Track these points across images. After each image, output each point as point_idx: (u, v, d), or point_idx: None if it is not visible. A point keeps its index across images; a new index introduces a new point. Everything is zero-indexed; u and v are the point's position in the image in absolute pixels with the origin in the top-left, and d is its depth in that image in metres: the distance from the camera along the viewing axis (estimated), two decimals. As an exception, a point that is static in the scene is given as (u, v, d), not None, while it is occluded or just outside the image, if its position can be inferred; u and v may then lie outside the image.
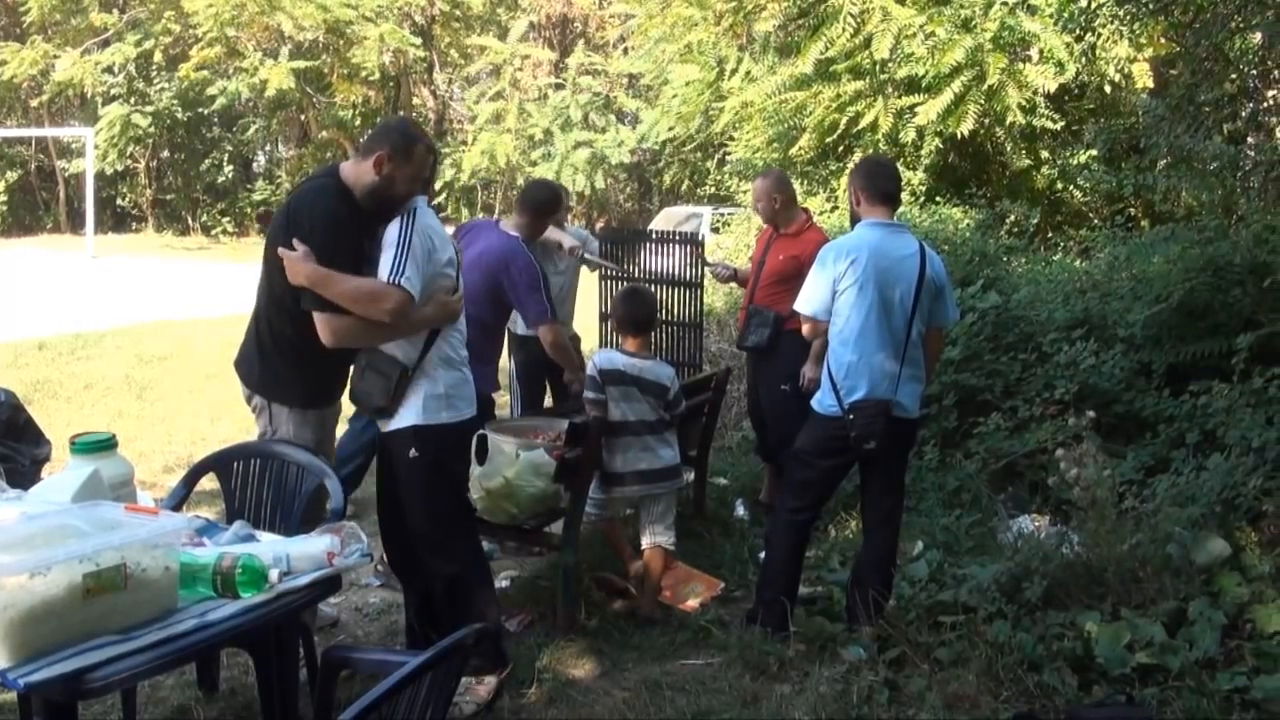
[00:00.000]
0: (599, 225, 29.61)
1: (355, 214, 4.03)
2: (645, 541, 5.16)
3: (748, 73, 15.18)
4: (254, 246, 27.32)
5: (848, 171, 13.40)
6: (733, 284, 7.26)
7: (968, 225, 10.94)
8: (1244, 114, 7.33)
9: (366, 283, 3.89)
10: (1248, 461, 5.50)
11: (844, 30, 12.41)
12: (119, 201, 33.48)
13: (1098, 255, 9.77)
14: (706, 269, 7.41)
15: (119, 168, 30.57)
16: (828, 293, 4.69)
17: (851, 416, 4.60)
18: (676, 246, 7.81)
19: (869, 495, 4.91)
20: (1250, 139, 8.13)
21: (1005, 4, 11.69)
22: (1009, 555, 5.23)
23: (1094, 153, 12.40)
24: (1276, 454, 5.51)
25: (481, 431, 4.62)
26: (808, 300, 4.78)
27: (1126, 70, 12.04)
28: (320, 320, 3.98)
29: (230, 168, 32.84)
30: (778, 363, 6.18)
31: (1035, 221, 12.81)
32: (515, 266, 5.34)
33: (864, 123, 12.55)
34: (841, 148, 13.56)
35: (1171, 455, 6.18)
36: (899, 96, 12.52)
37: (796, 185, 14.35)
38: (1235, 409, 5.93)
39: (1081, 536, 5.20)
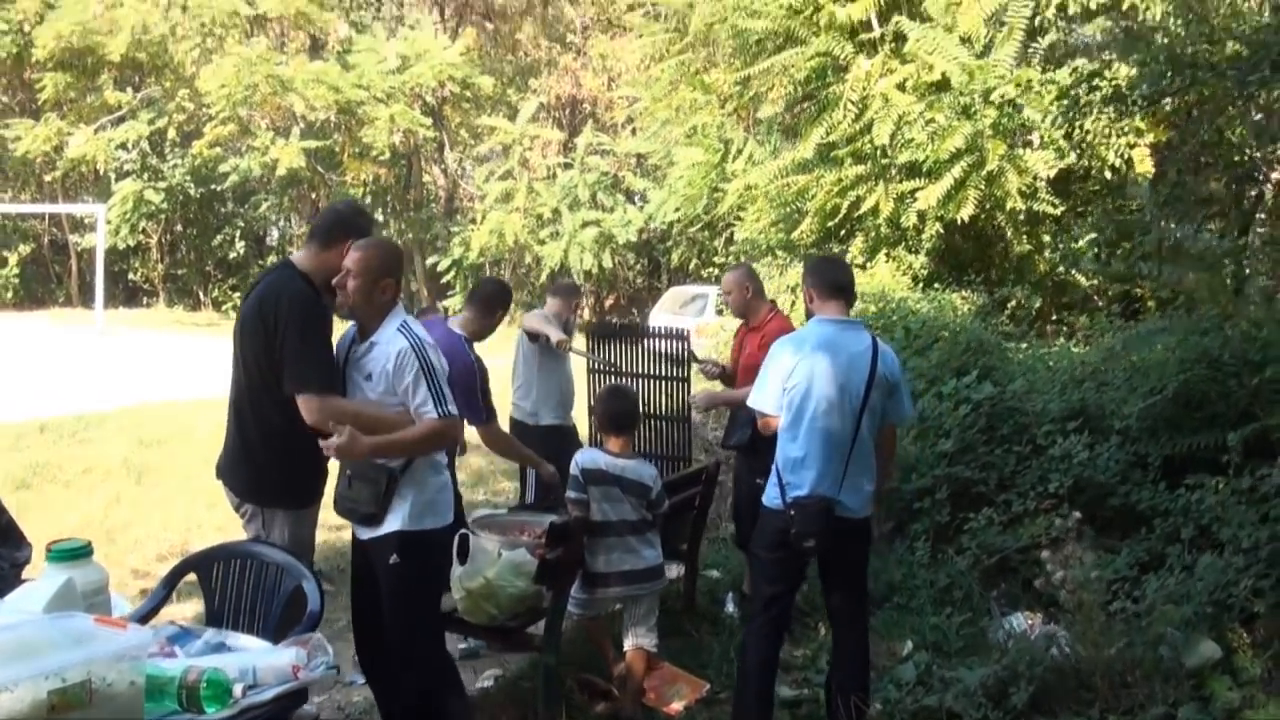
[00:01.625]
0: (607, 304, 29.76)
1: (317, 296, 4.21)
2: (628, 643, 5.12)
3: (751, 155, 15.34)
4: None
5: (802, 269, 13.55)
6: (719, 382, 7.27)
7: (967, 311, 10.94)
8: (1231, 211, 7.37)
9: (424, 428, 4.01)
10: (1239, 560, 5.45)
11: (845, 116, 12.53)
12: (130, 276, 33.61)
13: (1098, 342, 9.76)
14: (695, 365, 7.42)
15: (131, 243, 30.72)
16: (778, 388, 4.69)
17: (793, 513, 4.58)
18: (664, 341, 7.84)
19: (829, 596, 4.89)
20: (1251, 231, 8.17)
21: (1004, 95, 11.77)
22: (998, 657, 5.17)
23: (1094, 237, 12.45)
24: (1269, 552, 5.46)
25: (463, 530, 4.61)
26: (759, 396, 4.79)
27: (1127, 156, 12.11)
28: (304, 401, 4.05)
29: (242, 243, 33.02)
30: (755, 459, 6.17)
31: (1038, 306, 12.85)
32: (454, 369, 5.35)
33: (865, 207, 12.65)
34: (844, 231, 13.64)
35: (1166, 551, 6.12)
36: (900, 181, 12.62)
37: (798, 269, 14.53)
38: (1227, 505, 5.88)
39: (1070, 637, 5.15)
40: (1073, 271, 12.74)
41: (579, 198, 25.52)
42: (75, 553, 3.64)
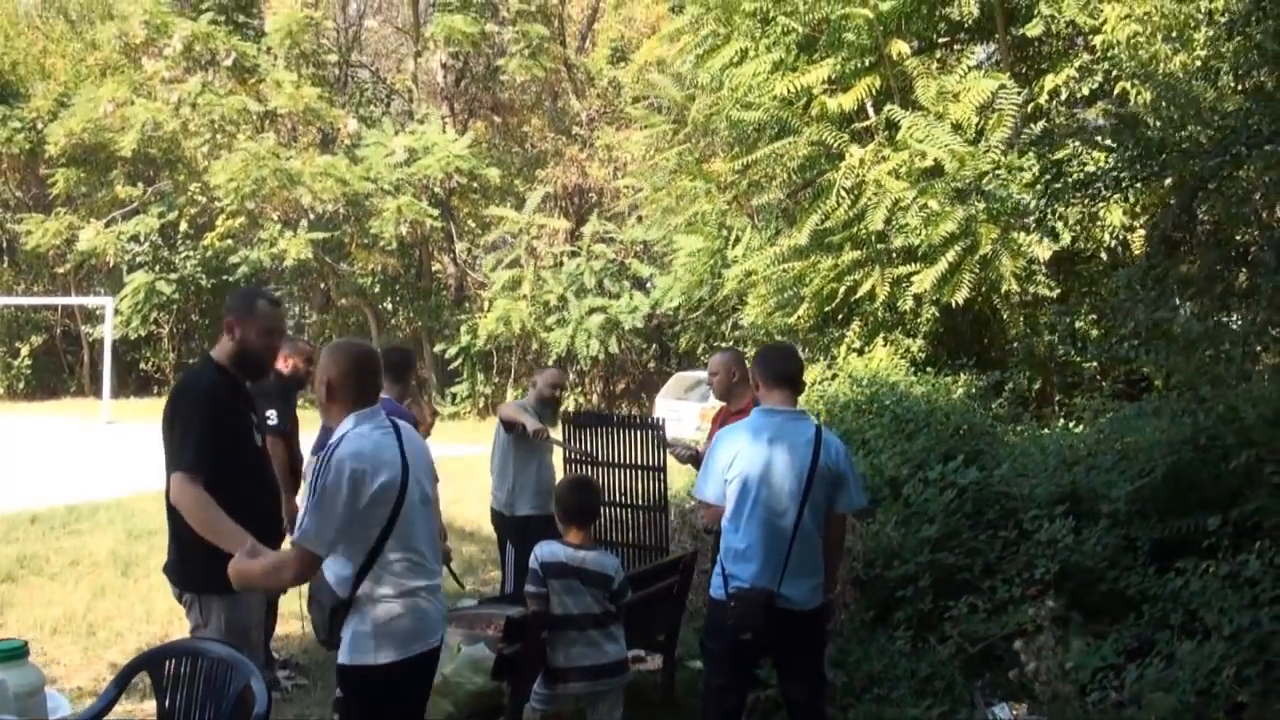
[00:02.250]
0: (617, 388, 29.73)
1: (231, 384, 4.45)
2: (591, 742, 5.00)
3: (750, 242, 15.41)
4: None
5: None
6: (690, 465, 7.18)
7: (960, 394, 10.87)
8: (1216, 291, 7.33)
9: (273, 560, 3.87)
10: (1223, 647, 5.32)
11: (840, 203, 12.57)
12: (142, 366, 33.82)
13: (1095, 424, 9.66)
14: (667, 450, 7.36)
15: (143, 333, 30.98)
16: (719, 477, 4.65)
17: (732, 604, 4.50)
18: (639, 431, 7.79)
19: (783, 688, 4.84)
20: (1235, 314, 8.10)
21: (995, 179, 11.80)
22: (975, 751, 5.04)
23: (1092, 319, 12.40)
24: (1254, 638, 5.33)
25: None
26: (702, 486, 4.75)
27: (1123, 238, 12.10)
28: (173, 480, 4.24)
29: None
30: None
31: (1036, 388, 12.76)
32: None
33: (861, 291, 12.63)
34: (841, 315, 13.63)
35: (1155, 637, 6.01)
36: (896, 265, 12.61)
37: (800, 352, 14.50)
38: (1213, 590, 5.76)
39: (1051, 730, 5.03)
40: (1072, 353, 12.68)
41: (585, 285, 25.65)
42: (9, 653, 3.59)
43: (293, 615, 7.20)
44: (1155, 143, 6.54)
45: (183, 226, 30.08)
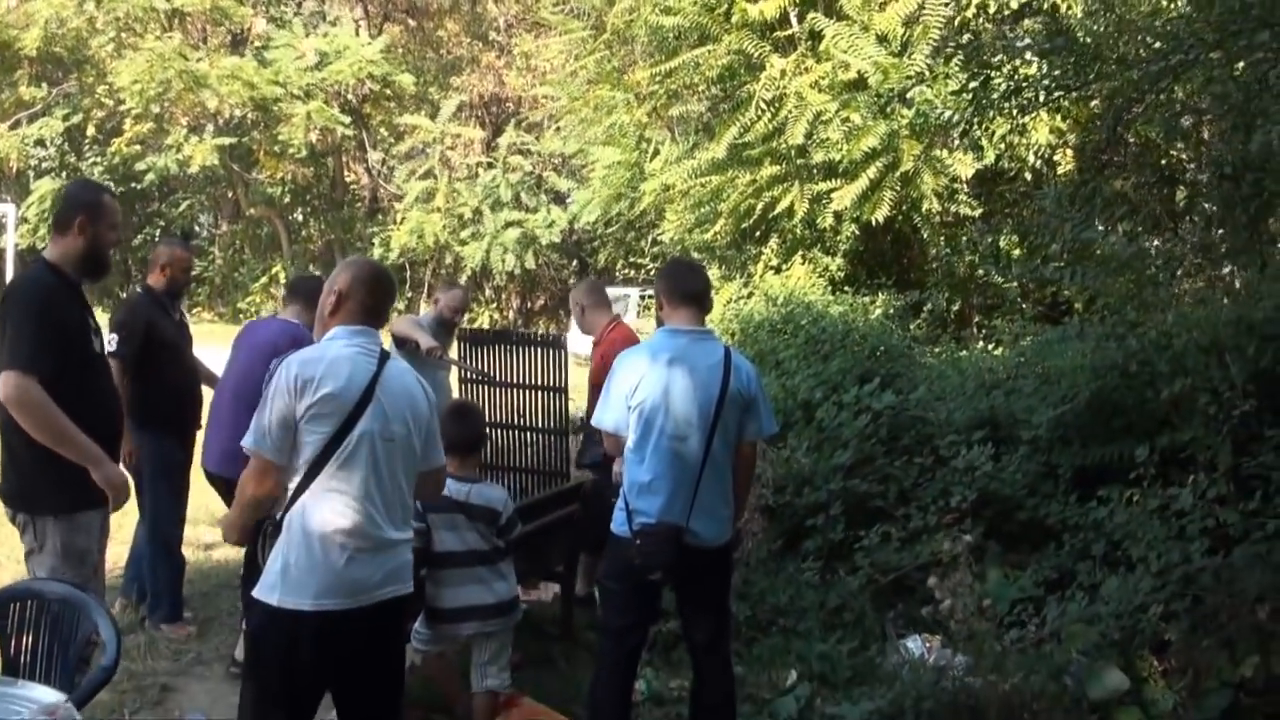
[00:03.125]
0: (537, 304, 29.24)
1: (68, 287, 4.14)
2: (475, 684, 4.62)
3: (669, 156, 14.92)
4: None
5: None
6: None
7: (879, 315, 10.58)
8: (1140, 212, 7.03)
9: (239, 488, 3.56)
10: (1150, 582, 5.08)
11: (760, 115, 12.14)
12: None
13: (1016, 347, 9.42)
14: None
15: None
16: (622, 405, 4.27)
17: (638, 542, 4.15)
18: (539, 349, 7.33)
19: (687, 629, 4.48)
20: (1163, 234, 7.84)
21: (919, 94, 11.44)
22: (884, 691, 4.76)
23: (1014, 239, 12.16)
24: (1182, 574, 5.09)
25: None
26: (602, 414, 4.36)
27: (1047, 156, 11.83)
28: (4, 378, 3.89)
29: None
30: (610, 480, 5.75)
31: (955, 309, 12.55)
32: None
33: (780, 208, 12.27)
34: (759, 233, 13.27)
35: (1076, 568, 5.77)
36: (815, 181, 12.25)
37: (713, 270, 14.14)
38: (1139, 521, 5.51)
39: (965, 666, 4.76)
40: (994, 273, 12.46)
41: (501, 198, 25.02)
42: None
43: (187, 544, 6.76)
44: (1089, 51, 6.17)
45: (90, 131, 29.03)
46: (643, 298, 20.22)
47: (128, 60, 23.74)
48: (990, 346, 10.44)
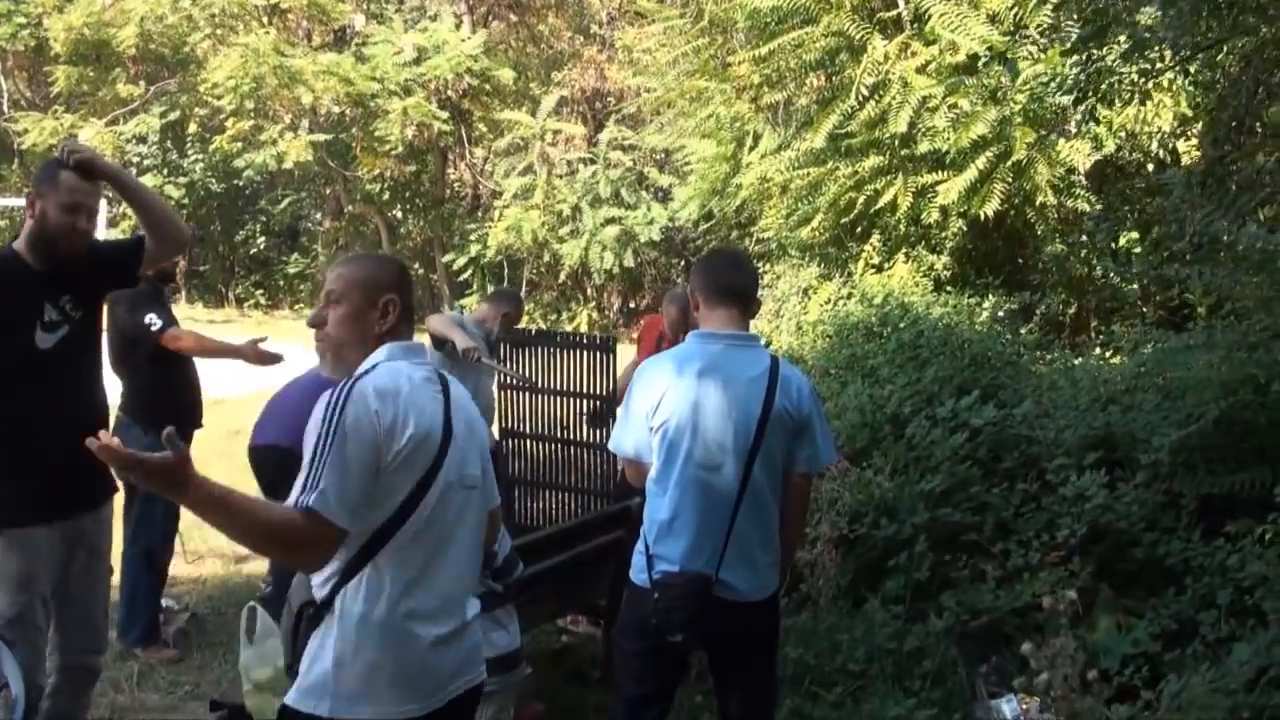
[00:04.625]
0: (643, 303, 28.60)
1: (21, 272, 3.78)
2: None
3: (767, 147, 14.15)
4: (284, 320, 26.72)
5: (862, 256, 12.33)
6: None
7: (986, 318, 9.70)
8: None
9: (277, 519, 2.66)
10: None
11: (860, 103, 11.34)
12: (148, 271, 32.98)
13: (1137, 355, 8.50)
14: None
15: (152, 239, 30.16)
16: (643, 426, 3.55)
17: (656, 595, 3.41)
18: (586, 353, 6.54)
19: (719, 695, 3.70)
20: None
21: (1033, 75, 10.52)
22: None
23: (1135, 236, 11.19)
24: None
25: (251, 603, 3.52)
26: (620, 436, 3.64)
27: (1171, 146, 10.84)
28: None
29: (263, 239, 32.44)
30: None
31: (1071, 313, 11.61)
32: None
33: (883, 202, 11.42)
34: (860, 228, 12.44)
35: (1199, 618, 4.96)
36: (921, 174, 11.39)
37: (813, 269, 13.34)
38: (1273, 567, 4.68)
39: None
40: (1111, 273, 11.49)
41: (600, 194, 24.39)
42: None
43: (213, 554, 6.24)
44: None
45: (192, 128, 29.15)
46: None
47: (222, 56, 23.60)
48: (1108, 354, 9.51)
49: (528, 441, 6.14)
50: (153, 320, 5.52)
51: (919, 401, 6.81)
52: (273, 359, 5.66)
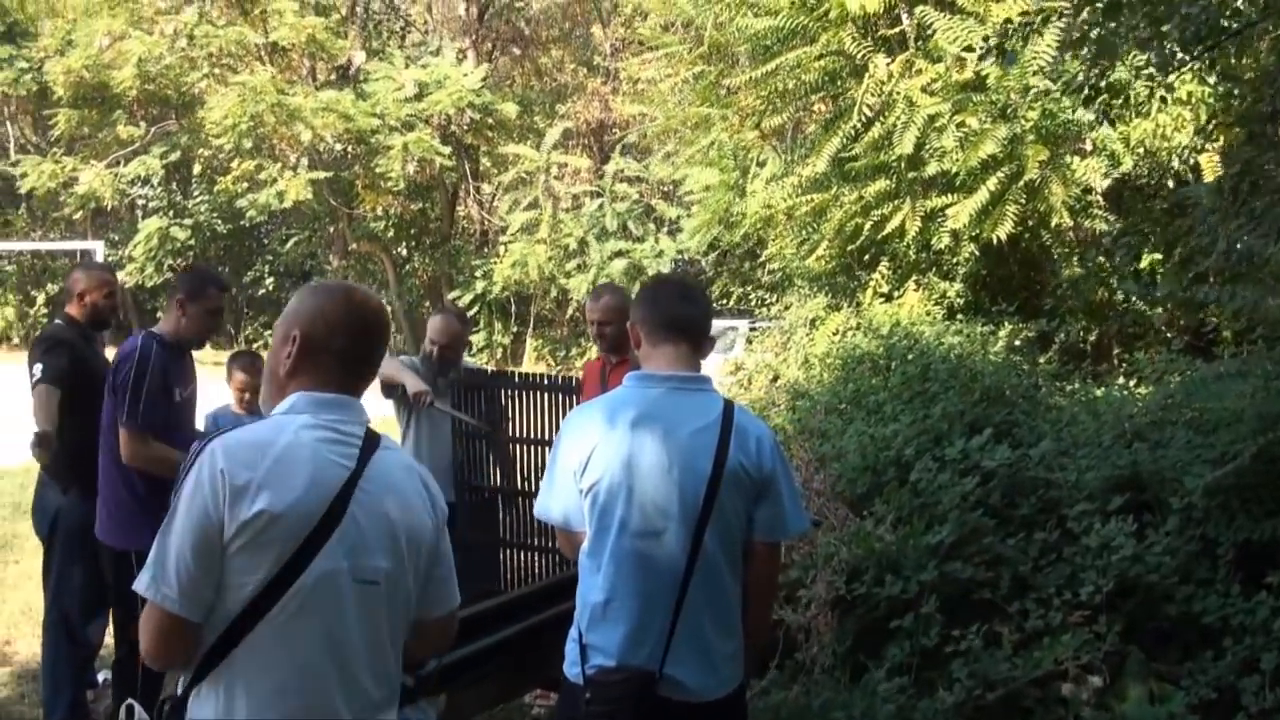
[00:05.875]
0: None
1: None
2: None
3: (771, 174, 13.64)
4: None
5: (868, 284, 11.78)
6: None
7: (1001, 347, 9.13)
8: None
9: None
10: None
11: (863, 124, 10.82)
12: (159, 314, 32.86)
13: (1162, 384, 7.92)
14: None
15: (158, 280, 30.08)
16: (571, 487, 2.98)
17: (588, 696, 2.83)
18: (547, 395, 5.93)
19: None
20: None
21: (1044, 89, 9.99)
22: None
23: (1158, 258, 10.61)
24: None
25: (130, 700, 2.96)
26: (547, 503, 3.07)
27: (1192, 161, 10.28)
28: None
29: (271, 279, 32.23)
30: None
31: (1092, 340, 11.04)
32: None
33: (890, 227, 10.89)
34: (867, 256, 11.91)
35: (1241, 685, 4.38)
36: (929, 197, 10.86)
37: (820, 299, 12.81)
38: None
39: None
40: (1134, 299, 10.91)
41: (607, 227, 23.97)
42: None
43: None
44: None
45: (196, 169, 29.02)
46: (752, 328, 18.90)
47: (219, 95, 23.32)
48: (1132, 384, 8.92)
49: (488, 494, 5.52)
50: (38, 370, 4.93)
51: (926, 441, 6.21)
52: None
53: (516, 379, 5.93)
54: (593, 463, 2.90)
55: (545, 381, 6.00)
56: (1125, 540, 4.99)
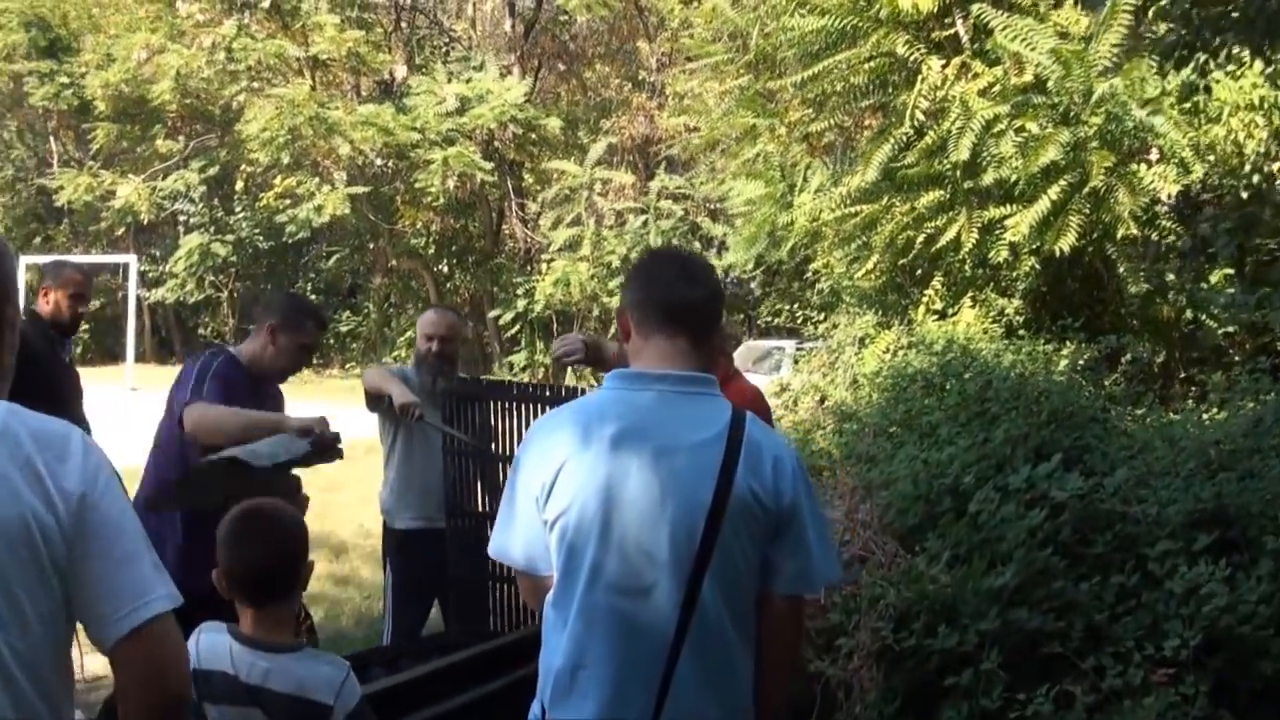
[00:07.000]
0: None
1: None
2: None
3: (819, 184, 13.07)
4: (331, 380, 26.12)
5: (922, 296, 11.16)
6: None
7: (1064, 366, 8.49)
8: None
9: None
10: None
11: (915, 131, 10.24)
12: (201, 331, 32.85)
13: (1239, 407, 7.25)
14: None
15: (199, 296, 30.13)
16: (535, 519, 2.36)
17: None
18: (548, 408, 5.16)
19: None
20: None
21: (1110, 90, 9.36)
22: None
23: (1229, 273, 9.95)
24: None
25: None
26: (504, 539, 2.44)
27: (1267, 169, 9.62)
28: None
29: (314, 297, 32.12)
30: None
31: (1160, 361, 10.36)
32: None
33: (944, 240, 10.29)
34: (920, 270, 11.31)
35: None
36: (987, 207, 10.24)
37: (869, 317, 12.20)
38: None
39: None
40: (1203, 317, 10.23)
41: (651, 245, 23.44)
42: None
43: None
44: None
45: (239, 185, 28.95)
46: (799, 348, 18.29)
47: (257, 108, 23.10)
48: (1204, 408, 8.24)
49: (474, 521, 4.86)
50: None
51: (986, 468, 5.55)
52: None
53: (515, 389, 5.25)
54: (559, 487, 2.28)
55: (545, 392, 5.32)
56: (1215, 584, 4.33)
